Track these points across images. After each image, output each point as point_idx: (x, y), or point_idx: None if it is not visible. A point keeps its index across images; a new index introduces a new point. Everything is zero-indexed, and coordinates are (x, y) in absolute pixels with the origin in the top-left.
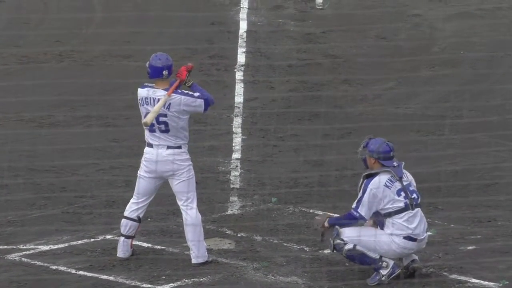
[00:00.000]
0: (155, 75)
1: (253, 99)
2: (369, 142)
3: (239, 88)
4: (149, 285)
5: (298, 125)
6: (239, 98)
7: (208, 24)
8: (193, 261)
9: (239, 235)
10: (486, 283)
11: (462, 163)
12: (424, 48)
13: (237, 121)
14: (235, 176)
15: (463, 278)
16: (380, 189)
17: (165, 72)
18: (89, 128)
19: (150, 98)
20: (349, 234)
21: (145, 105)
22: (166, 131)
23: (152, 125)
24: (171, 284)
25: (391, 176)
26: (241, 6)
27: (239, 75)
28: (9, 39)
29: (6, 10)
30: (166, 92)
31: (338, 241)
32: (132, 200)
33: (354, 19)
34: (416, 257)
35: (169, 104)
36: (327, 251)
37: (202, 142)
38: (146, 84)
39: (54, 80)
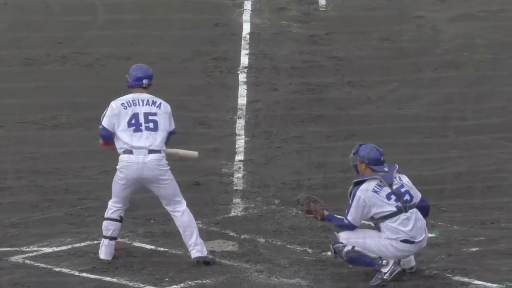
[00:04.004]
0: (136, 84)
1: (256, 101)
2: (360, 148)
3: (242, 90)
4: (152, 287)
5: (301, 127)
6: (242, 100)
7: (211, 26)
8: (194, 255)
9: (242, 237)
10: (489, 285)
11: (466, 165)
12: (428, 50)
13: (240, 123)
14: (238, 178)
15: (466, 279)
16: (369, 195)
17: (145, 81)
18: (92, 130)
19: (137, 99)
20: (346, 236)
21: (132, 107)
22: (154, 129)
23: (139, 124)
24: (174, 286)
25: (379, 182)
26: (245, 8)
27: (242, 77)
28: (12, 41)
29: (9, 12)
30: (151, 96)
31: (337, 244)
32: (111, 203)
33: (358, 21)
34: (415, 265)
35: (160, 103)
36: (330, 253)
37: (205, 144)
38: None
39: (57, 82)
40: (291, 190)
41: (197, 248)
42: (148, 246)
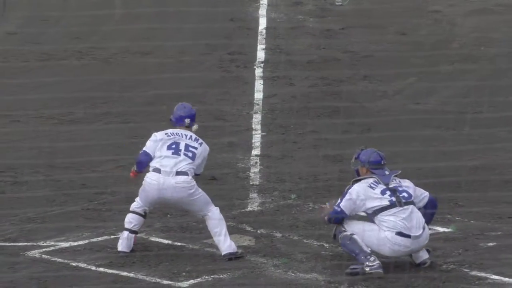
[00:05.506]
0: (178, 123)
1: (272, 96)
2: (361, 153)
3: (259, 85)
4: (169, 282)
5: (317, 121)
6: (258, 95)
7: (227, 21)
8: (225, 252)
9: (258, 231)
10: (506, 279)
11: (482, 159)
12: (444, 44)
13: (256, 118)
14: (254, 172)
15: (483, 274)
16: (364, 190)
17: (187, 120)
18: (108, 125)
19: (181, 134)
20: (349, 224)
21: (175, 136)
22: (192, 158)
23: (178, 150)
24: (191, 280)
25: (376, 180)
26: (261, 2)
27: (258, 71)
28: (29, 36)
29: (26, 8)
30: (194, 134)
31: (339, 228)
32: (137, 199)
33: (374, 15)
34: (427, 259)
35: (202, 143)
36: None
37: (222, 138)
38: None
39: (73, 77)
40: (307, 184)
41: (227, 244)
42: (165, 241)
